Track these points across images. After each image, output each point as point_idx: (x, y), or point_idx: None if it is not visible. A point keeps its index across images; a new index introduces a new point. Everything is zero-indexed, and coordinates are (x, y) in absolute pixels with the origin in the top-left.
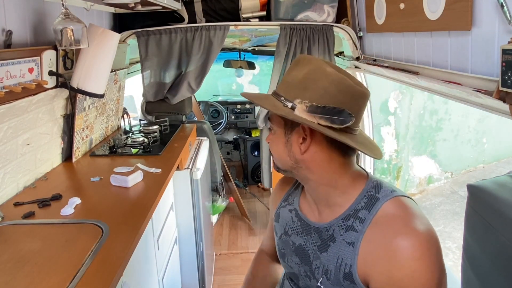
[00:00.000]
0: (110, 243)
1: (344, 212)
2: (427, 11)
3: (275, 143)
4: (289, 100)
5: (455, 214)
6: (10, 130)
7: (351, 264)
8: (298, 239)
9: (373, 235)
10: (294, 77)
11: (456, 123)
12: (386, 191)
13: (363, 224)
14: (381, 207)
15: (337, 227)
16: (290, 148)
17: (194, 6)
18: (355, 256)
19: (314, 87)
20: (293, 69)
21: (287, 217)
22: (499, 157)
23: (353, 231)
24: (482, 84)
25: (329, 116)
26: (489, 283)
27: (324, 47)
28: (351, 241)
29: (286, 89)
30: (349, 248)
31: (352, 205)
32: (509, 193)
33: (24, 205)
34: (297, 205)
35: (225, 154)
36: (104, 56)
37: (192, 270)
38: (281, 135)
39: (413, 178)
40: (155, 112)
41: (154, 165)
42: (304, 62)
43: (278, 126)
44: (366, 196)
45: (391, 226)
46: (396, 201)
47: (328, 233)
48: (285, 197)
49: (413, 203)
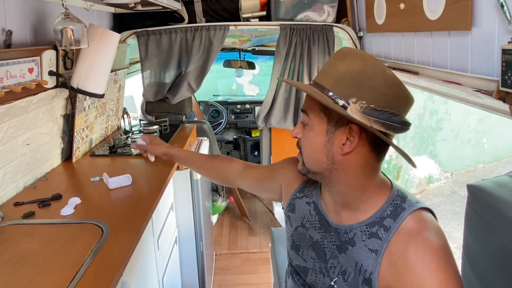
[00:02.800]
0: (110, 243)
1: (368, 218)
2: (427, 11)
3: (311, 140)
4: (341, 98)
5: (455, 214)
6: (10, 130)
7: (371, 271)
8: (316, 234)
9: (397, 246)
10: (343, 71)
11: (456, 123)
12: (411, 201)
13: (388, 233)
14: (406, 218)
15: (359, 231)
16: (330, 148)
17: (194, 6)
18: (377, 264)
19: (371, 87)
20: (339, 61)
21: (305, 209)
22: (499, 157)
23: (377, 238)
24: (482, 84)
25: (387, 122)
26: (489, 283)
27: (324, 47)
28: (374, 249)
29: (335, 84)
30: (371, 255)
31: (378, 212)
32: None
33: (24, 205)
34: (316, 199)
35: (225, 154)
36: (104, 56)
37: (192, 270)
38: (322, 133)
39: (413, 178)
40: (155, 112)
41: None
42: (352, 55)
43: (319, 122)
44: (392, 204)
45: (414, 239)
46: (420, 213)
47: (348, 236)
48: (300, 188)
49: (432, 218)
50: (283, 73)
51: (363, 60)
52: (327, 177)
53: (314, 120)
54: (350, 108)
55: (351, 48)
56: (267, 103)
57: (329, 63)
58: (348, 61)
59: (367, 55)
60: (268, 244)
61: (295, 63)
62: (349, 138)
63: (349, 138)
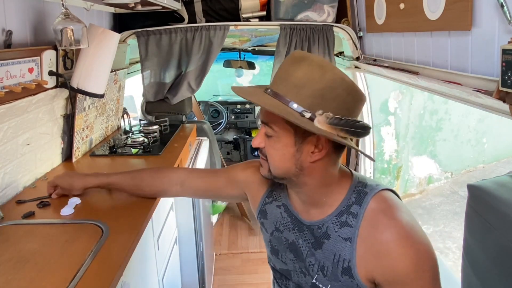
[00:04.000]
0: (110, 243)
1: (336, 209)
2: (427, 11)
3: (279, 151)
4: (307, 110)
5: (455, 214)
6: (10, 130)
7: (349, 259)
8: (291, 236)
9: (366, 231)
10: (303, 79)
11: (456, 123)
12: (372, 185)
13: (356, 219)
14: (370, 201)
15: (330, 224)
16: (299, 157)
17: (194, 6)
18: (353, 251)
19: (334, 97)
20: (295, 67)
21: (276, 213)
22: (499, 157)
23: (347, 226)
24: (482, 84)
25: (352, 129)
26: (489, 283)
27: (324, 47)
28: (347, 237)
29: (297, 94)
30: (346, 244)
31: (343, 202)
32: (509, 193)
33: (24, 204)
34: (285, 200)
35: (225, 154)
36: (104, 56)
37: (192, 270)
38: (290, 144)
39: (413, 178)
40: (155, 112)
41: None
42: (308, 62)
43: (285, 134)
44: (355, 191)
45: (380, 221)
46: (381, 195)
47: (321, 231)
48: (268, 193)
49: (394, 196)
50: None
51: (322, 69)
52: (294, 181)
53: (279, 132)
54: (317, 120)
55: (303, 52)
56: None
57: (283, 69)
58: (305, 68)
59: (324, 61)
60: None
61: None
62: (317, 146)
63: (317, 146)
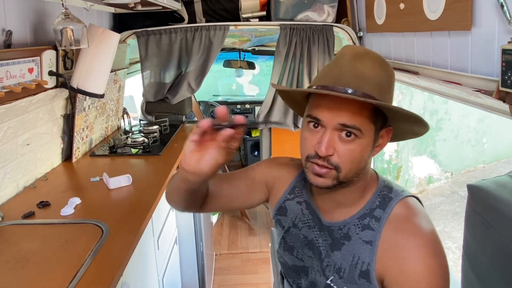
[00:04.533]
0: (110, 243)
1: (359, 211)
2: (427, 11)
3: (359, 152)
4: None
5: (455, 214)
6: (10, 130)
7: (369, 262)
8: (310, 233)
9: (388, 234)
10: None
11: (456, 123)
12: (397, 191)
13: (379, 223)
14: (394, 207)
15: (352, 225)
16: (371, 151)
17: (194, 6)
18: (373, 255)
19: (392, 89)
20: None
21: (296, 209)
22: (499, 157)
23: (370, 230)
24: (482, 84)
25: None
26: (489, 283)
27: (324, 47)
28: (368, 240)
29: (381, 93)
30: (366, 247)
31: (367, 204)
32: (509, 193)
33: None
34: (308, 197)
35: None
36: (104, 56)
37: (192, 270)
38: (371, 142)
39: (413, 178)
40: (155, 112)
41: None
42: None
43: (369, 134)
44: (380, 195)
45: (404, 226)
46: (407, 201)
47: (342, 232)
48: (290, 189)
49: (419, 204)
50: (283, 73)
51: (386, 65)
52: (352, 182)
53: (365, 132)
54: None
55: (361, 47)
56: (267, 103)
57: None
58: (372, 65)
59: (385, 61)
60: (268, 244)
61: (295, 63)
62: (384, 139)
63: (384, 139)
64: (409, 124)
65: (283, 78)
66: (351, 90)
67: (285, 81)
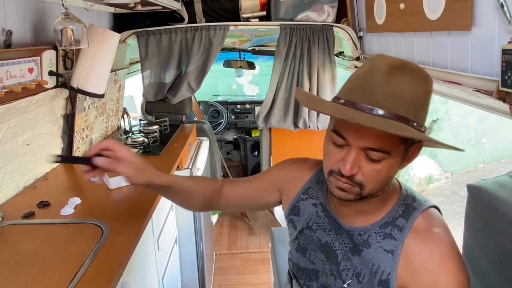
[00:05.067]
0: (110, 243)
1: (381, 219)
2: (427, 11)
3: (385, 172)
4: (422, 125)
5: (455, 214)
6: (10, 130)
7: (389, 272)
8: (325, 236)
9: (412, 245)
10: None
11: (456, 123)
12: (421, 200)
13: (401, 232)
14: (418, 217)
15: (373, 233)
16: (399, 168)
17: (194, 6)
18: (395, 264)
19: (426, 106)
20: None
21: (311, 211)
22: (499, 157)
23: (391, 239)
24: (482, 84)
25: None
26: (489, 283)
27: (324, 47)
28: (390, 249)
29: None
30: (387, 256)
31: (390, 213)
32: (509, 193)
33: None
34: (324, 200)
35: (225, 154)
36: (104, 56)
37: (192, 270)
38: (398, 163)
39: (413, 178)
40: (155, 112)
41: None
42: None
43: (397, 155)
44: (403, 204)
45: (428, 237)
46: (430, 212)
47: (362, 238)
48: (304, 190)
49: (440, 215)
50: (283, 73)
51: (426, 79)
52: (374, 195)
53: (393, 154)
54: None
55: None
56: (267, 103)
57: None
58: (410, 80)
59: (421, 69)
60: (268, 244)
61: (295, 63)
62: (411, 156)
63: (411, 157)
64: (440, 145)
65: (283, 78)
66: (382, 111)
67: (285, 81)
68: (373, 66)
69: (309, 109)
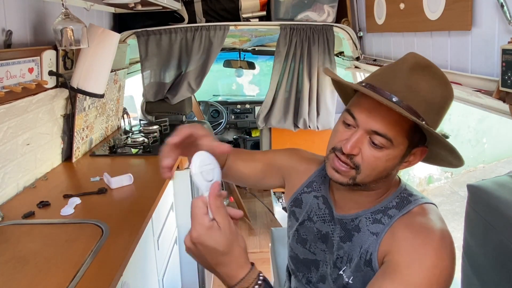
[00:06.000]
0: (110, 243)
1: (374, 206)
2: (427, 11)
3: (383, 161)
4: (429, 126)
5: (455, 214)
6: (10, 130)
7: (372, 252)
8: (325, 227)
9: (397, 228)
10: (429, 94)
11: (456, 123)
12: (417, 196)
13: (390, 219)
14: (412, 210)
15: (364, 218)
16: (398, 165)
17: (194, 6)
18: (376, 245)
19: (442, 112)
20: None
21: (312, 203)
22: (499, 157)
23: (379, 224)
24: (482, 84)
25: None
26: (489, 283)
27: (324, 47)
28: (375, 232)
29: (427, 111)
30: (372, 237)
31: (383, 203)
32: (509, 193)
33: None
34: (326, 193)
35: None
36: (104, 56)
37: (192, 270)
38: (399, 156)
39: (413, 178)
40: (155, 112)
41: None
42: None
43: (399, 146)
44: (398, 197)
45: (416, 223)
46: (425, 207)
47: (354, 224)
48: (308, 183)
49: (438, 210)
50: (283, 73)
51: (444, 83)
52: (370, 185)
53: (396, 144)
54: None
55: (426, 60)
56: (267, 103)
57: (407, 76)
58: (431, 81)
59: (443, 74)
60: (268, 244)
61: (295, 63)
62: (416, 157)
63: (416, 158)
64: (445, 152)
65: (283, 78)
66: (396, 99)
67: (285, 81)
68: (402, 59)
69: (310, 108)
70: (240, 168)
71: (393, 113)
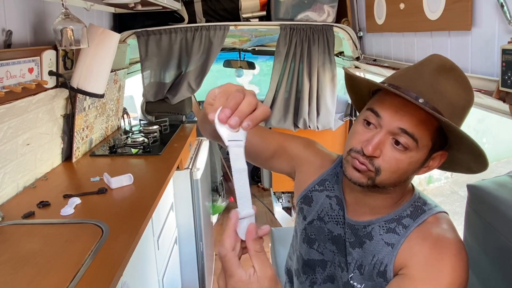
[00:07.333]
0: (110, 243)
1: (388, 215)
2: (427, 11)
3: (405, 164)
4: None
5: (455, 214)
6: (10, 130)
7: (387, 263)
8: (338, 229)
9: (413, 240)
10: (454, 96)
11: None
12: (431, 205)
13: (406, 230)
14: (426, 219)
15: (377, 226)
16: (418, 169)
17: (194, 6)
18: (392, 257)
19: (463, 116)
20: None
21: (324, 203)
22: (499, 157)
23: (394, 234)
24: (482, 84)
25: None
26: (489, 283)
27: (324, 47)
28: (390, 242)
29: (452, 114)
30: (387, 249)
31: (398, 211)
32: (509, 193)
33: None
34: (339, 193)
35: (225, 154)
36: (104, 56)
37: (192, 270)
38: (422, 159)
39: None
40: (155, 112)
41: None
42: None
43: (423, 149)
44: (413, 205)
45: (433, 234)
46: (440, 216)
47: (366, 231)
48: (319, 181)
49: (450, 220)
50: (283, 73)
51: (469, 90)
52: (388, 189)
53: (421, 146)
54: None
55: (451, 62)
56: (267, 103)
57: (433, 77)
58: (455, 84)
59: (470, 85)
60: (268, 244)
61: (295, 63)
62: (435, 162)
63: (435, 162)
64: (467, 156)
65: (283, 78)
66: (422, 100)
67: (285, 81)
68: (427, 60)
69: (310, 108)
70: (254, 143)
71: (421, 113)
